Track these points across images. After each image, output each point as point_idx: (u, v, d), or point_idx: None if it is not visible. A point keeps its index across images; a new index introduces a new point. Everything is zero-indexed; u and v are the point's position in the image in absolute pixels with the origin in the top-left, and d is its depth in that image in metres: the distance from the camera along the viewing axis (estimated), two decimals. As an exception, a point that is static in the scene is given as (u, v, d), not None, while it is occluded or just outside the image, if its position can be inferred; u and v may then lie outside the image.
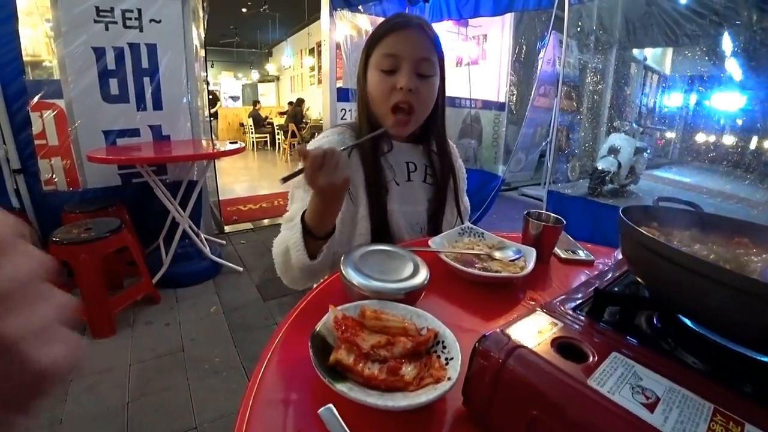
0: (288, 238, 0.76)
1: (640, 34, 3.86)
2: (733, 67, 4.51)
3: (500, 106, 4.75)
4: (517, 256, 0.70)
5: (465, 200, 1.07)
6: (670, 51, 7.27)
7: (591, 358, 0.35)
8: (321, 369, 0.40)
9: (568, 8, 2.81)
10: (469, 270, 0.65)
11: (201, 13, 3.08)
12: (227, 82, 13.72)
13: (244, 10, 9.56)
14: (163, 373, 1.79)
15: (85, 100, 2.59)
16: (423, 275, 0.55)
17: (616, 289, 0.51)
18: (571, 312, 0.42)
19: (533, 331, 0.37)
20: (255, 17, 9.94)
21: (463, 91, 4.53)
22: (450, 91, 4.76)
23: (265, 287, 2.60)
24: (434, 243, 0.73)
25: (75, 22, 2.48)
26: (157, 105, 2.83)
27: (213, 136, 3.69)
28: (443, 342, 0.45)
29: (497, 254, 0.71)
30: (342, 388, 0.38)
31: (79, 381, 1.70)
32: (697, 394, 0.33)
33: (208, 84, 3.42)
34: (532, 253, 0.72)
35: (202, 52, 3.19)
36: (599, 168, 4.18)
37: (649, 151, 5.32)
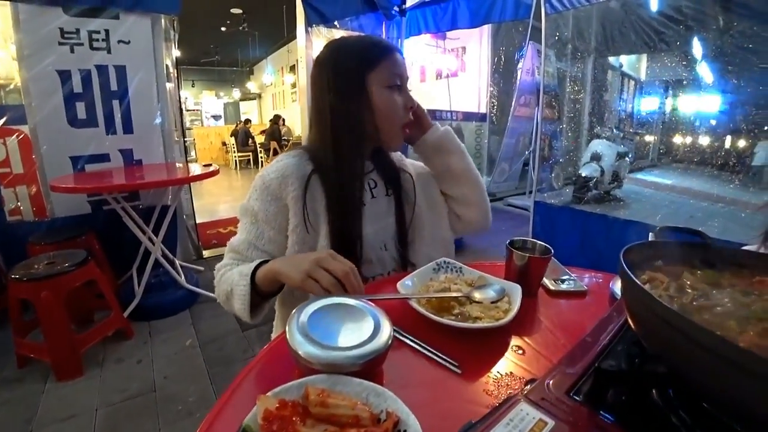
0: (233, 283, 0.75)
1: (617, 41, 3.88)
2: (706, 71, 4.59)
3: (482, 117, 4.74)
4: (498, 297, 0.62)
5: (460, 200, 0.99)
6: (644, 57, 7.42)
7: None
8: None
9: (544, 18, 2.79)
10: (443, 321, 0.56)
11: (172, 33, 3.00)
12: (209, 101, 13.63)
13: (223, 29, 9.52)
14: (133, 417, 1.65)
15: (51, 125, 2.48)
16: (384, 335, 0.45)
17: (618, 353, 0.41)
18: (563, 397, 0.33)
19: (517, 435, 0.28)
20: (235, 36, 9.90)
21: (444, 103, 4.50)
22: (431, 104, 4.75)
23: (244, 316, 2.47)
24: (403, 286, 0.63)
25: (38, 44, 2.39)
26: (128, 128, 2.73)
27: (189, 157, 3.57)
28: (405, 431, 0.36)
29: (477, 295, 0.62)
30: None
31: (41, 430, 1.56)
32: None
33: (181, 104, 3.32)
34: (517, 292, 0.63)
35: (175, 72, 3.10)
36: (583, 175, 4.17)
37: (630, 155, 5.35)
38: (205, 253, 3.45)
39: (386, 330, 0.47)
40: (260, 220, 0.84)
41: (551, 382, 0.35)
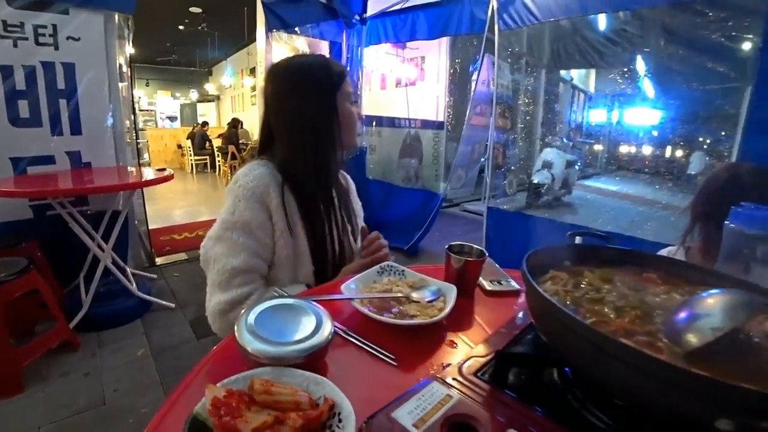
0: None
1: (565, 57, 4.15)
2: (646, 87, 5.01)
3: (439, 125, 4.89)
4: (434, 297, 0.68)
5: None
6: (593, 72, 7.93)
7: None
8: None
9: (498, 34, 2.95)
10: (381, 318, 0.61)
11: (126, 31, 2.90)
12: (164, 102, 13.08)
13: (181, 27, 9.20)
14: (80, 433, 1.59)
15: (-11, 124, 2.32)
16: (325, 331, 0.50)
17: (526, 340, 0.49)
18: (470, 378, 0.39)
19: (425, 409, 0.34)
20: (193, 35, 9.60)
21: (403, 111, 4.62)
22: (390, 112, 4.82)
23: (199, 324, 2.42)
24: (347, 288, 0.69)
25: (-24, 37, 2.24)
26: (76, 129, 2.61)
27: (141, 160, 3.45)
28: (339, 414, 0.41)
29: (415, 295, 0.68)
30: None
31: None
32: None
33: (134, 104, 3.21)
34: (452, 292, 0.70)
35: (129, 71, 2.99)
36: (535, 182, 4.41)
37: (579, 163, 5.71)
38: (159, 260, 3.34)
39: (327, 327, 0.51)
40: (255, 228, 0.86)
41: (463, 365, 0.41)
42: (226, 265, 0.83)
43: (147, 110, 12.26)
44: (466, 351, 0.60)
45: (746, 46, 2.46)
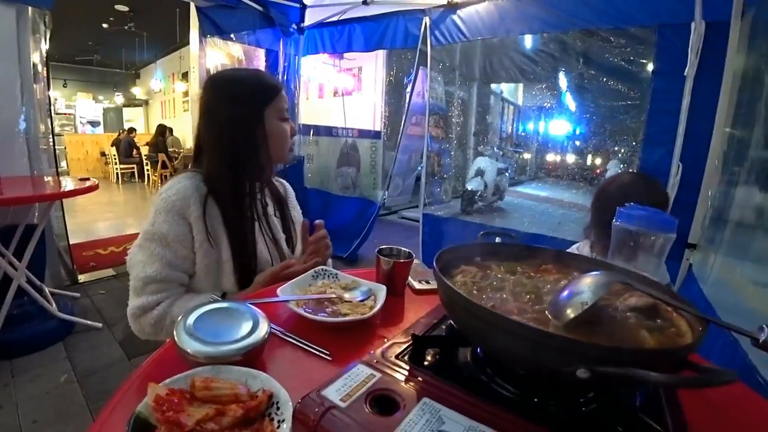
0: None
1: (493, 73, 4.47)
2: (568, 101, 5.54)
3: (376, 135, 5.03)
4: (365, 296, 0.74)
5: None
6: (521, 86, 8.55)
7: (401, 408, 0.39)
8: (135, 460, 0.37)
9: (430, 49, 3.12)
10: (314, 317, 0.66)
11: (42, 28, 2.67)
12: (85, 105, 12.01)
13: (105, 25, 8.56)
14: (-9, 473, 1.44)
15: None
16: (262, 331, 0.55)
17: (442, 328, 0.56)
18: (392, 360, 0.45)
19: (351, 386, 0.40)
20: (119, 35, 8.97)
21: (340, 120, 4.69)
22: (328, 121, 4.87)
23: (130, 343, 2.28)
24: (283, 291, 0.73)
25: None
26: (-18, 134, 2.36)
27: (59, 169, 3.18)
28: (277, 403, 0.45)
29: (347, 296, 0.74)
30: (156, 477, 0.35)
31: None
32: (494, 427, 0.39)
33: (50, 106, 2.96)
34: (381, 291, 0.77)
35: (45, 71, 2.76)
36: (469, 189, 4.67)
37: (510, 171, 6.13)
38: (81, 278, 3.08)
39: (264, 327, 0.56)
40: (171, 241, 0.88)
41: (385, 350, 0.47)
42: (141, 273, 0.87)
43: (65, 114, 11.19)
44: (396, 345, 0.67)
45: (642, 69, 2.84)
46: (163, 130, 8.09)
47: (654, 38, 2.25)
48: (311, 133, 4.44)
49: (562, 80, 4.91)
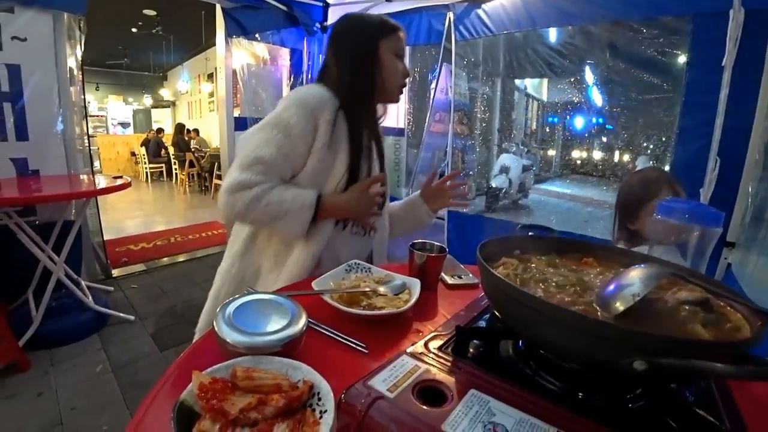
0: (287, 207, 0.89)
1: (518, 68, 4.39)
2: (595, 96, 5.38)
3: (399, 132, 4.99)
4: (400, 290, 0.73)
5: None
6: (545, 81, 8.37)
7: (449, 400, 0.38)
8: (182, 446, 0.37)
9: (454, 45, 3.09)
10: (350, 310, 0.66)
11: (77, 32, 2.78)
12: (116, 107, 12.45)
13: (134, 30, 8.85)
14: (34, 456, 1.51)
15: (-75, 130, 2.17)
16: (300, 323, 0.54)
17: (484, 319, 0.55)
18: (436, 352, 0.45)
19: (397, 377, 0.39)
20: (147, 38, 9.25)
21: (363, 118, 4.67)
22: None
23: (161, 336, 2.35)
24: (318, 284, 0.73)
25: None
26: (22, 135, 2.47)
27: (93, 168, 3.30)
28: (318, 394, 0.45)
29: (382, 289, 0.73)
30: (204, 464, 0.36)
31: None
32: (543, 419, 0.37)
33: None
34: (416, 285, 0.76)
35: (80, 75, 2.86)
36: (493, 186, 4.60)
37: (535, 168, 6.01)
38: (114, 272, 3.19)
39: (302, 318, 0.56)
40: (294, 134, 0.92)
41: (428, 342, 0.46)
42: (252, 152, 0.90)
43: (97, 116, 11.62)
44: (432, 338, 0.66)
45: (676, 60, 2.72)
46: (181, 128, 8.33)
47: (688, 28, 2.15)
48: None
49: (589, 74, 4.76)
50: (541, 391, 0.45)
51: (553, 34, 3.46)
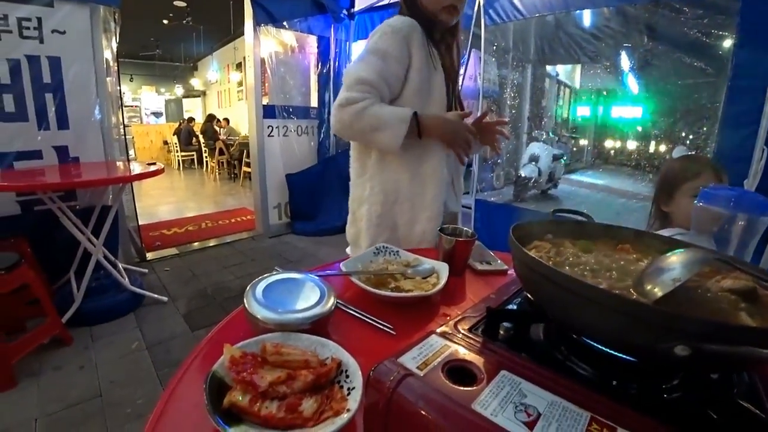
0: (385, 120, 0.97)
1: (550, 53, 4.24)
2: (630, 82, 5.13)
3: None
4: (427, 274, 0.73)
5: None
6: (578, 67, 8.05)
7: (480, 380, 0.37)
8: (214, 414, 0.38)
9: (484, 29, 3.00)
10: (379, 292, 0.66)
11: (113, 24, 2.87)
12: (149, 98, 12.86)
13: (165, 21, 9.07)
14: (77, 425, 1.60)
15: (-27, 119, 2.29)
16: (329, 302, 0.55)
17: (515, 303, 0.54)
18: (466, 333, 0.44)
19: (426, 355, 0.38)
20: (178, 29, 9.47)
21: (390, 105, 4.65)
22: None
23: (192, 317, 2.44)
24: (346, 266, 0.73)
25: (-41, 30, 2.20)
26: (63, 123, 2.58)
27: (129, 156, 3.43)
28: (347, 371, 0.45)
29: (410, 272, 0.73)
30: (235, 433, 0.36)
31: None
32: (577, 404, 0.36)
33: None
34: (444, 269, 0.75)
35: (115, 66, 2.96)
36: (522, 175, 4.49)
37: (565, 157, 5.82)
38: (149, 256, 3.33)
39: (331, 298, 0.56)
40: (390, 57, 1.02)
41: (458, 323, 0.45)
42: (355, 74, 1.01)
43: (131, 106, 12.03)
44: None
45: (722, 42, 2.56)
46: (210, 118, 8.62)
47: (737, 6, 2.01)
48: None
49: (625, 59, 4.54)
50: (573, 376, 0.43)
51: (587, 17, 3.31)
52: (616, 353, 0.45)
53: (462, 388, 0.35)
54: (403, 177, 1.10)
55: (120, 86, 3.09)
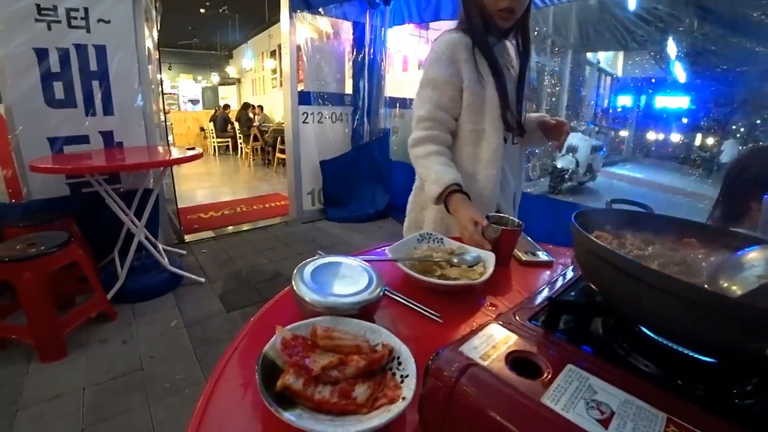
0: (428, 177, 1.02)
1: (593, 38, 4.02)
2: (678, 70, 4.82)
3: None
4: (474, 262, 0.70)
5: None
6: (621, 54, 7.65)
7: (546, 373, 0.34)
8: (268, 396, 0.37)
9: (524, 13, 2.88)
10: (427, 279, 0.64)
11: (154, 13, 2.95)
12: (186, 85, 13.23)
13: (202, 10, 9.25)
14: (120, 395, 1.69)
15: (27, 105, 2.41)
16: (377, 288, 0.53)
17: (572, 295, 0.51)
18: (526, 323, 0.41)
19: (488, 345, 0.36)
20: (214, 18, 9.64)
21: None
22: (413, 94, 4.81)
23: (227, 298, 2.51)
24: (391, 251, 0.71)
25: (13, 20, 2.31)
26: (108, 110, 2.68)
27: (169, 141, 3.54)
28: (398, 358, 0.44)
29: (456, 260, 0.70)
30: (290, 416, 0.36)
31: (26, 411, 1.57)
32: (651, 404, 0.33)
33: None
34: (491, 258, 0.72)
35: (156, 54, 3.05)
36: (558, 167, 4.34)
37: (604, 149, 5.58)
38: (187, 238, 3.44)
39: (379, 284, 0.54)
40: (440, 83, 1.05)
41: (516, 313, 0.43)
42: (416, 113, 1.09)
43: (170, 94, 12.43)
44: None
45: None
46: (245, 106, 8.77)
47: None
48: (396, 106, 4.38)
49: (673, 44, 4.25)
50: (640, 373, 0.40)
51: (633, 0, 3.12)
52: (690, 352, 0.41)
53: (529, 380, 0.33)
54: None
55: (160, 74, 3.17)
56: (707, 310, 0.34)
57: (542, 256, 0.85)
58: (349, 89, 4.23)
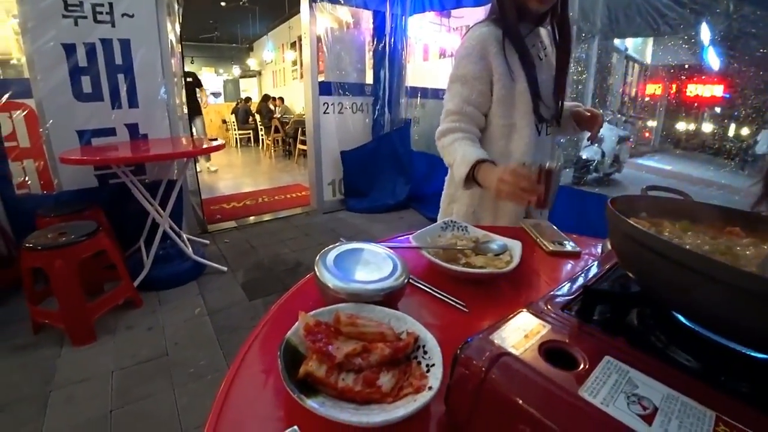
0: (455, 160, 1.00)
1: (623, 23, 3.87)
2: (712, 56, 4.58)
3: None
4: (500, 251, 0.68)
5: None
6: (650, 41, 7.34)
7: (582, 364, 0.32)
8: (290, 383, 0.36)
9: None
10: (453, 267, 0.62)
11: (176, 7, 2.98)
12: (208, 78, 13.40)
13: (222, 3, 9.32)
14: (146, 380, 1.74)
15: (57, 99, 2.49)
16: (402, 275, 0.52)
17: (605, 285, 0.48)
18: (558, 312, 0.39)
19: (519, 334, 0.34)
20: (234, 11, 9.70)
21: (446, 82, 4.48)
22: (433, 82, 4.72)
23: (250, 286, 2.55)
24: (415, 239, 0.69)
25: (42, 16, 2.37)
26: (133, 102, 2.74)
27: (192, 133, 3.59)
28: (424, 347, 0.42)
29: (481, 248, 0.68)
30: (313, 404, 0.35)
31: (58, 392, 1.64)
32: (697, 400, 0.31)
33: (185, 77, 3.31)
34: (517, 247, 0.69)
35: (179, 47, 3.09)
36: (584, 157, 4.21)
37: (632, 139, 5.38)
38: (210, 228, 3.51)
39: (403, 270, 0.53)
40: (470, 79, 1.05)
41: (547, 301, 0.41)
42: (445, 106, 1.09)
43: (190, 73, 12.60)
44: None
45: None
46: (266, 98, 8.83)
47: None
48: (418, 95, 4.31)
49: (706, 28, 4.02)
50: (682, 368, 0.37)
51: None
52: (737, 346, 0.38)
53: (565, 372, 0.31)
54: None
55: (183, 67, 3.21)
56: (766, 301, 0.31)
57: (569, 246, 0.82)
58: (369, 79, 4.19)
